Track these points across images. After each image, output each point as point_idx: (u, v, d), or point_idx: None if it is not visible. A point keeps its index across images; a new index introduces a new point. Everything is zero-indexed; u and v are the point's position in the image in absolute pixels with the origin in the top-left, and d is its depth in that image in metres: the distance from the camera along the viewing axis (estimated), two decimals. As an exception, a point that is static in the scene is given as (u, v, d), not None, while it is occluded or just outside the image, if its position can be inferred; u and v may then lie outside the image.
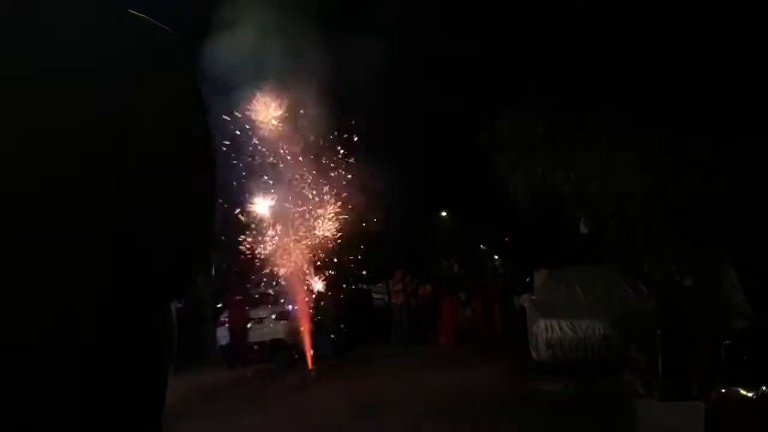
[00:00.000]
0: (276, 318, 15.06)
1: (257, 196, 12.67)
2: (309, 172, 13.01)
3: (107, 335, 1.33)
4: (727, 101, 7.18)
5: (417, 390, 10.17)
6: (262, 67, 11.47)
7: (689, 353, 7.27)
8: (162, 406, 1.46)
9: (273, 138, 12.73)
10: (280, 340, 14.69)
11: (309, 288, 13.34)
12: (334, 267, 13.88)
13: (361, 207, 13.64)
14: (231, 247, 14.00)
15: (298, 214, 13.11)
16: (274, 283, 14.81)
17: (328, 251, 13.47)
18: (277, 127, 12.63)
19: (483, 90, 14.92)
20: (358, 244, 14.38)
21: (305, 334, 12.56)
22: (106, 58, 1.38)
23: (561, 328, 10.66)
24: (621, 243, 8.61)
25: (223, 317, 14.96)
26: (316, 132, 12.80)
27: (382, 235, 16.28)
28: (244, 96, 12.22)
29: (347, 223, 13.59)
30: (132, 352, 1.37)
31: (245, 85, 11.97)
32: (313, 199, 13.16)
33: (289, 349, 13.71)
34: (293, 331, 13.65)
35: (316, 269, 13.58)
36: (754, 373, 3.15)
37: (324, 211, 13.28)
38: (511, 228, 21.88)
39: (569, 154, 8.01)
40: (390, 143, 13.12)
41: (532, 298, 12.62)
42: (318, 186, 13.16)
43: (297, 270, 13.11)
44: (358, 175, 13.36)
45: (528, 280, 14.23)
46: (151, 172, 1.39)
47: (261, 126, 12.52)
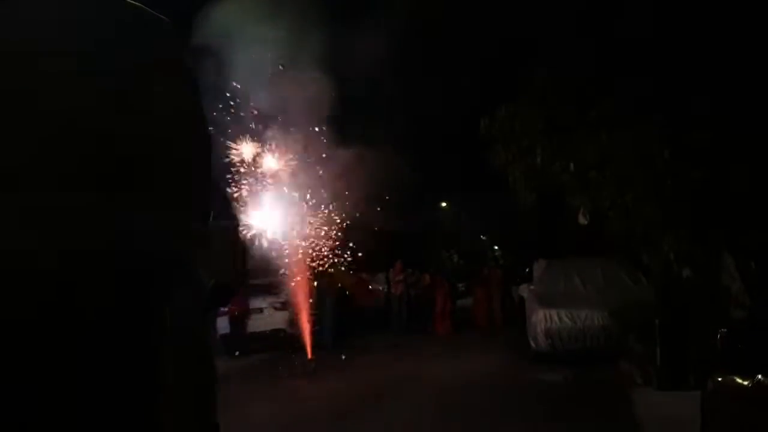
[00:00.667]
0: (275, 308, 15.11)
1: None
2: (307, 161, 12.98)
3: (106, 313, 1.34)
4: (725, 94, 7.17)
5: (416, 379, 10.22)
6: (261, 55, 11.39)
7: (687, 343, 7.32)
8: (158, 392, 1.47)
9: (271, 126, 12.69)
10: (280, 329, 14.74)
11: (308, 278, 13.33)
12: (333, 257, 13.88)
13: (361, 198, 13.63)
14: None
15: (297, 204, 13.08)
16: (274, 273, 14.85)
17: (327, 242, 13.47)
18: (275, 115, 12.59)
19: (483, 81, 14.92)
20: (357, 235, 14.37)
21: (305, 324, 12.58)
22: (102, 39, 1.42)
23: (560, 318, 10.68)
24: (620, 233, 8.65)
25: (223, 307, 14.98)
26: (316, 121, 12.77)
27: (382, 226, 16.27)
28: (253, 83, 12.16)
29: (347, 213, 13.58)
30: (131, 331, 1.38)
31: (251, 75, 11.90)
32: (311, 190, 13.13)
33: (288, 338, 13.74)
34: (293, 320, 13.68)
35: (316, 259, 13.57)
36: (750, 362, 3.17)
37: (322, 202, 13.27)
38: (511, 219, 21.87)
39: (568, 144, 8.04)
40: (390, 134, 13.09)
41: (531, 288, 12.63)
42: (316, 176, 13.13)
43: (296, 260, 13.10)
44: (358, 165, 13.33)
45: (528, 270, 14.23)
46: (149, 152, 1.41)
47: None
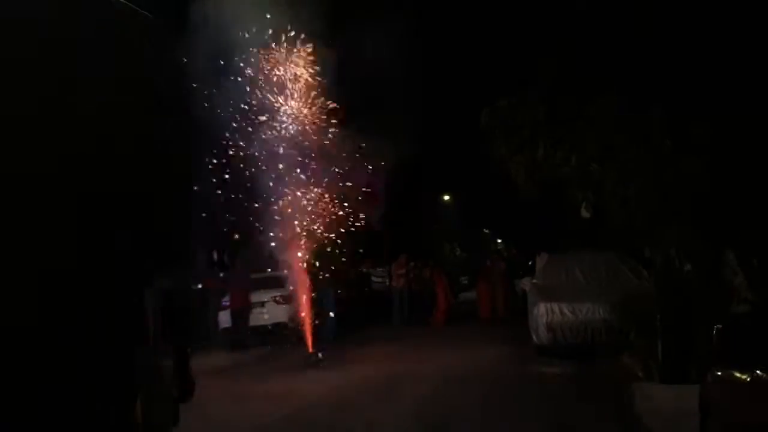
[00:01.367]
0: (277, 302, 15.11)
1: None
2: (310, 157, 12.93)
3: (90, 311, 1.39)
4: (727, 87, 7.11)
5: (417, 372, 10.21)
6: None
7: (689, 337, 7.28)
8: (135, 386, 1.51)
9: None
10: (281, 323, 14.74)
11: (309, 272, 13.31)
12: (334, 251, 13.85)
13: (363, 193, 13.58)
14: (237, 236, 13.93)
15: (301, 199, 13.04)
16: (276, 267, 14.84)
17: (329, 236, 13.43)
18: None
19: (485, 73, 14.84)
20: (359, 230, 14.34)
21: (306, 318, 12.58)
22: (85, 38, 1.45)
23: (561, 312, 10.65)
24: (622, 227, 8.61)
25: (225, 302, 15.00)
26: (319, 118, 12.72)
27: (384, 220, 16.23)
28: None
29: (349, 208, 13.54)
30: (113, 327, 1.43)
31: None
32: (314, 185, 13.08)
33: (290, 332, 13.75)
34: (294, 314, 13.68)
35: (317, 254, 13.55)
36: (749, 357, 3.14)
37: (325, 196, 13.22)
38: (514, 212, 21.82)
39: (570, 135, 7.98)
40: (392, 127, 13.00)
41: (533, 281, 12.61)
42: (319, 170, 13.09)
43: (298, 254, 13.07)
44: (361, 159, 13.28)
45: (530, 263, 14.22)
46: (133, 168, 1.48)
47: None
